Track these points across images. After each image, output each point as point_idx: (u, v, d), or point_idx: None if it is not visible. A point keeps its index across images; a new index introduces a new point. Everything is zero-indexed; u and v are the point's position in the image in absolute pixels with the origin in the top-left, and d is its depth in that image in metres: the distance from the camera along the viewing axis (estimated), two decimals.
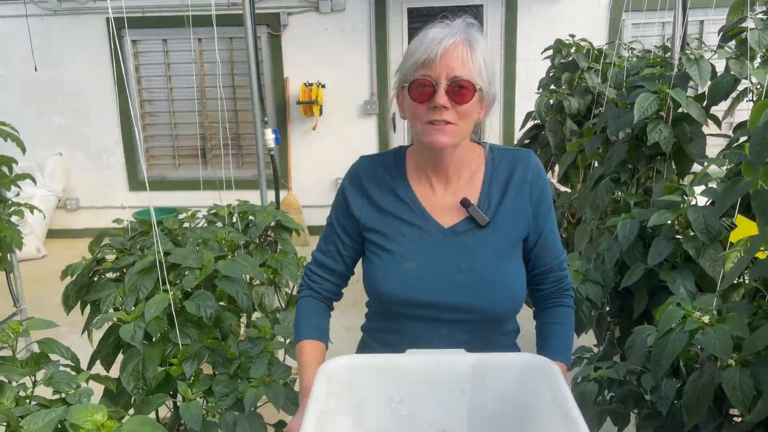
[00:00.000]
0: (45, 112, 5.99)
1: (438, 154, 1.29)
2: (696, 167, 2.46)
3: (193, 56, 5.81)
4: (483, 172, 1.35)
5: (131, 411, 1.75)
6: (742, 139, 2.14)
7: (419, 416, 1.12)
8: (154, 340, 1.81)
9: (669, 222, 2.10)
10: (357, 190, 1.37)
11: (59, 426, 1.23)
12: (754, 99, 2.25)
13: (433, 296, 1.29)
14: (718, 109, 2.42)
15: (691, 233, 2.06)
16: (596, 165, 2.79)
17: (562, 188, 3.51)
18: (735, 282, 1.75)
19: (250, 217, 2.76)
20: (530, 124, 3.43)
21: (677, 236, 2.11)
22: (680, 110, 2.36)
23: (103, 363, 1.98)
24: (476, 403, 1.11)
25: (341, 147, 5.91)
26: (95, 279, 2.17)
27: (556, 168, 3.48)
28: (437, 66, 1.19)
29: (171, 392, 1.81)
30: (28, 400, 1.39)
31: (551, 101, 3.19)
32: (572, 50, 3.32)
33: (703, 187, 2.08)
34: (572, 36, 3.39)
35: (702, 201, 2.13)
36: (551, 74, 3.46)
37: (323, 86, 5.77)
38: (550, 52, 3.46)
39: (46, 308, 3.76)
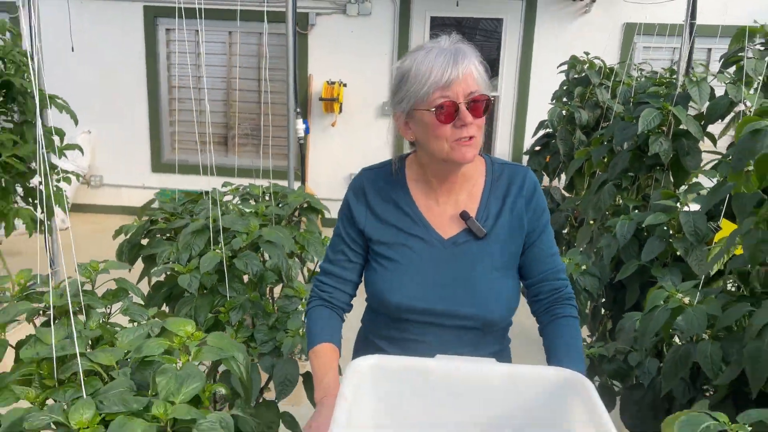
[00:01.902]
0: (78, 92, 6.24)
1: (456, 168, 1.34)
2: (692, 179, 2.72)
3: (225, 48, 6.07)
4: (483, 185, 1.40)
5: None
6: None
7: (443, 422, 1.10)
8: (205, 291, 2.06)
9: (663, 225, 2.35)
10: (360, 202, 1.41)
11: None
12: None
13: (431, 304, 1.34)
14: (716, 130, 2.68)
15: (682, 235, 2.32)
16: (600, 173, 3.04)
17: (567, 195, 3.76)
18: (716, 275, 2.01)
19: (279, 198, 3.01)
20: (542, 132, 3.69)
21: (669, 238, 2.36)
22: (681, 127, 2.62)
23: None
24: (504, 414, 1.09)
25: (358, 145, 6.18)
26: (148, 238, 2.42)
27: (563, 176, 3.74)
28: (454, 87, 1.23)
29: None
30: (108, 326, 1.64)
31: (563, 112, 3.45)
32: (586, 67, 3.57)
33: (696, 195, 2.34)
34: (587, 53, 3.65)
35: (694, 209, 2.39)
36: (564, 87, 3.72)
37: (345, 85, 6.03)
38: (565, 66, 3.72)
39: (74, 274, 4.01)
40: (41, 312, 1.69)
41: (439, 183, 1.38)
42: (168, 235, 2.38)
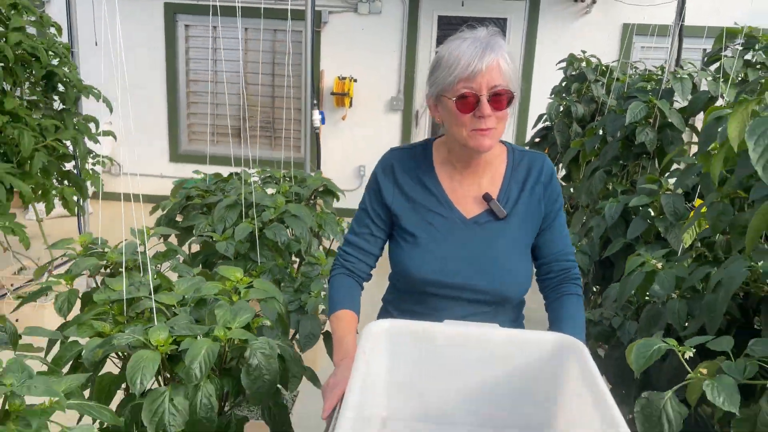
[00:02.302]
0: (100, 85, 6.53)
1: (475, 153, 1.41)
2: (675, 167, 2.97)
3: (240, 44, 6.34)
4: (504, 170, 1.48)
5: None
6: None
7: (451, 380, 1.19)
8: (238, 257, 2.33)
9: (647, 207, 2.61)
10: (389, 179, 1.49)
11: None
12: None
13: (453, 278, 1.42)
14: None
15: (663, 215, 2.58)
16: (593, 161, 3.30)
17: (564, 184, 4.02)
18: (688, 248, 2.27)
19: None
20: (541, 124, 3.95)
21: (652, 218, 2.62)
22: (666, 119, 2.88)
23: None
24: (506, 374, 1.18)
25: (367, 138, 6.45)
26: (182, 215, 2.70)
27: (560, 166, 3.99)
28: (478, 79, 1.29)
29: None
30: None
31: (561, 106, 3.71)
32: (583, 64, 3.83)
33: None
34: (584, 52, 3.91)
35: None
36: (563, 83, 3.97)
37: (355, 80, 6.30)
38: (564, 64, 3.98)
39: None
40: (103, 267, 1.97)
41: (462, 166, 1.46)
42: (202, 210, 2.66)
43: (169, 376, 1.46)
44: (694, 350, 1.35)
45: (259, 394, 1.38)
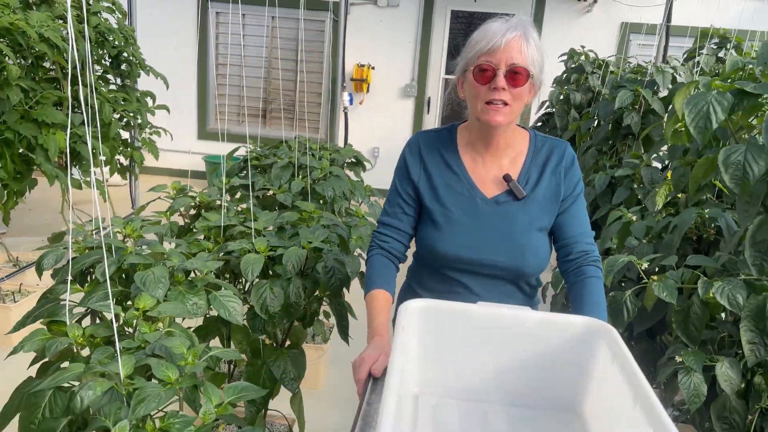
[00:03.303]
0: None
1: (491, 131, 1.47)
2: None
3: (267, 31, 6.82)
4: (525, 154, 1.53)
5: None
6: None
7: (482, 360, 1.22)
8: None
9: (629, 177, 3.13)
10: (416, 159, 1.56)
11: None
12: None
13: (473, 254, 1.49)
14: None
15: (642, 185, 3.09)
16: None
17: None
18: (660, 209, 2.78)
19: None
20: (543, 110, 4.45)
21: (634, 187, 3.13)
22: (650, 106, 3.38)
23: None
24: (536, 355, 1.20)
25: (382, 122, 6.95)
26: (239, 173, 3.21)
27: None
28: (498, 54, 1.36)
29: None
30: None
31: (561, 94, 4.21)
32: (581, 58, 4.33)
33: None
34: (582, 47, 4.40)
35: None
36: (564, 74, 4.48)
37: (373, 68, 6.80)
38: (565, 57, 4.48)
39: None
40: (192, 206, 2.48)
41: (483, 147, 1.52)
42: (258, 170, 3.17)
43: (264, 278, 1.97)
44: (648, 263, 1.86)
45: (333, 288, 1.89)
